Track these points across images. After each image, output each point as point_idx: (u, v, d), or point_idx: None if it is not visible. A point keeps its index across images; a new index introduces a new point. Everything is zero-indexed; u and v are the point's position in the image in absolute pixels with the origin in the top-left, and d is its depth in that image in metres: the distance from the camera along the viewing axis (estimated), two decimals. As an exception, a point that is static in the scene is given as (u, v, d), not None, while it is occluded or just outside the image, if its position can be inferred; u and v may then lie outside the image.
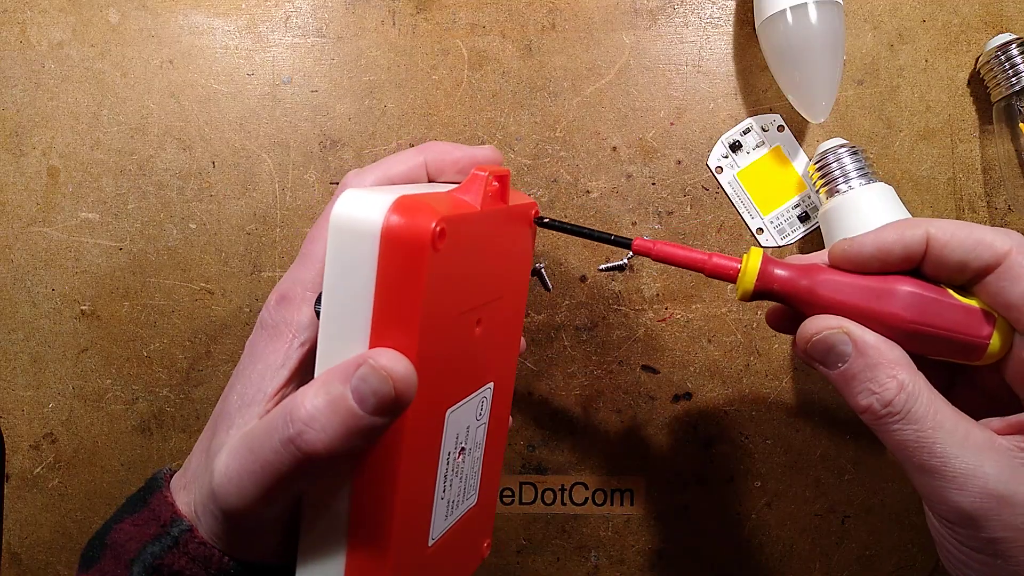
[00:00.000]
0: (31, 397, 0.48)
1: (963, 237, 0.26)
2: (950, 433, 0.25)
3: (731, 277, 0.30)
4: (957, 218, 0.46)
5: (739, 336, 0.47)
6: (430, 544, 0.30)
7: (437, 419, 0.28)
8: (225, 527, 0.27)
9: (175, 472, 0.31)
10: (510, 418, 0.37)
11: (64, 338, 0.47)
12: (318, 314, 0.27)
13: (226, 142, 0.47)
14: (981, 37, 0.46)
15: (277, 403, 0.28)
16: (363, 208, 0.24)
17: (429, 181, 0.32)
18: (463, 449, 0.31)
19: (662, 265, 0.47)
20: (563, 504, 0.47)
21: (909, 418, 0.25)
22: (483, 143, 0.47)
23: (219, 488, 0.26)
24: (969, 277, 0.27)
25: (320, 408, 0.24)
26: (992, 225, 0.47)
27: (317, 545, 0.27)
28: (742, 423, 0.47)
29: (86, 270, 0.47)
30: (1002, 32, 0.46)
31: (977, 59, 0.46)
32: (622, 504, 0.47)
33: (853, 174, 0.43)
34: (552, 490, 0.47)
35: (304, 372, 0.29)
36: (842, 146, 0.43)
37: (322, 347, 0.26)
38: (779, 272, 0.29)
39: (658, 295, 0.47)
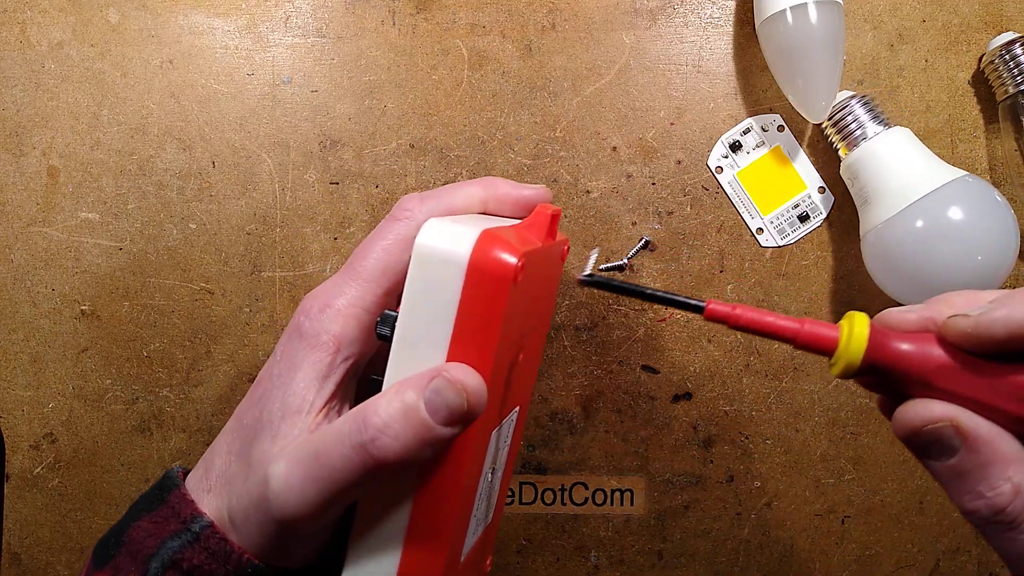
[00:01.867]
0: (31, 397, 0.48)
1: None
2: None
3: (829, 349, 0.25)
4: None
5: (739, 336, 0.47)
6: (462, 560, 0.30)
7: (486, 439, 0.29)
8: (269, 533, 0.27)
9: (187, 470, 0.31)
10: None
11: (64, 338, 0.47)
12: (380, 336, 0.28)
13: (226, 142, 0.47)
14: (981, 37, 0.46)
15: (324, 416, 0.28)
16: (449, 239, 0.26)
17: (482, 213, 0.32)
18: (493, 470, 0.32)
19: (661, 265, 0.47)
20: (563, 504, 0.47)
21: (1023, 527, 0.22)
22: (483, 143, 0.47)
23: (277, 495, 0.26)
24: None
25: (394, 416, 0.25)
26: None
27: (369, 554, 0.27)
28: (742, 423, 0.47)
29: (86, 270, 0.47)
30: (1003, 32, 0.46)
31: (980, 58, 0.46)
32: (622, 504, 0.47)
33: (868, 123, 0.43)
34: (552, 490, 0.47)
35: (348, 388, 0.30)
36: (852, 97, 0.44)
37: (394, 361, 0.27)
38: (898, 346, 0.24)
39: (658, 295, 0.47)
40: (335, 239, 0.47)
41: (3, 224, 0.47)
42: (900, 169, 0.42)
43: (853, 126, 0.43)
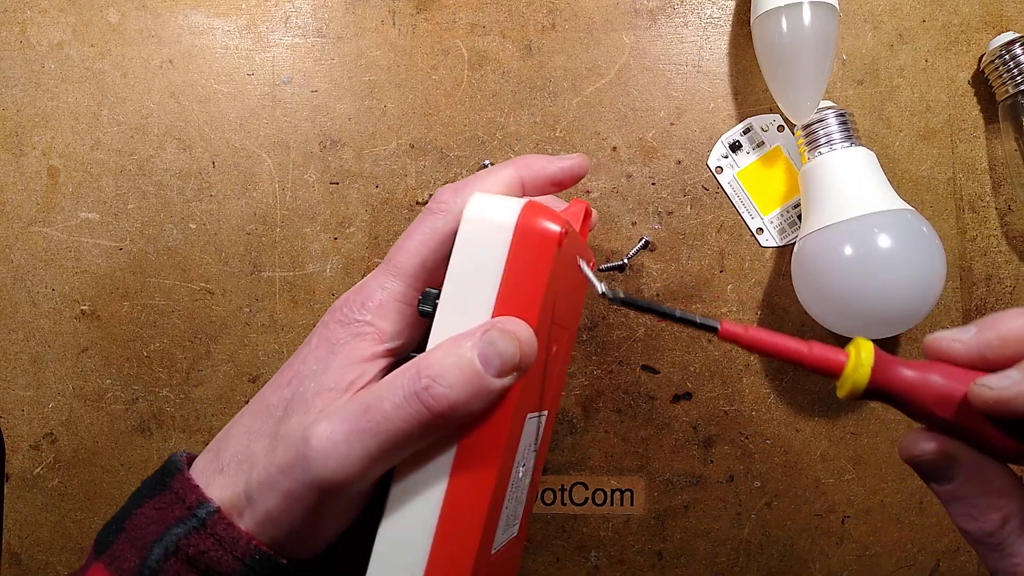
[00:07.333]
0: (31, 397, 0.48)
1: None
2: None
3: (835, 371, 0.26)
4: (956, 219, 0.46)
5: (739, 336, 0.47)
6: (493, 552, 0.30)
7: (521, 419, 0.29)
8: (300, 501, 0.26)
9: (192, 455, 0.30)
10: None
11: (64, 338, 0.47)
12: (422, 313, 0.29)
13: (226, 142, 0.47)
14: (981, 37, 0.46)
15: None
16: (496, 208, 0.27)
17: (523, 195, 0.33)
18: (523, 467, 0.31)
19: (661, 265, 0.47)
20: (563, 504, 0.47)
21: (1007, 551, 0.25)
22: (483, 143, 0.47)
23: (320, 453, 0.26)
24: None
25: (448, 366, 0.26)
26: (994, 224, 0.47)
27: (400, 528, 0.27)
28: (742, 423, 0.47)
29: (86, 270, 0.47)
30: (1003, 32, 0.46)
31: (980, 58, 0.46)
32: (622, 504, 0.47)
33: (837, 137, 0.43)
34: (552, 490, 0.47)
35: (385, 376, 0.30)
36: (832, 108, 0.43)
37: (440, 325, 0.27)
38: (902, 371, 0.25)
39: (658, 295, 0.47)
40: (335, 239, 0.47)
41: (3, 224, 0.47)
42: (846, 186, 0.41)
43: (821, 135, 0.43)
